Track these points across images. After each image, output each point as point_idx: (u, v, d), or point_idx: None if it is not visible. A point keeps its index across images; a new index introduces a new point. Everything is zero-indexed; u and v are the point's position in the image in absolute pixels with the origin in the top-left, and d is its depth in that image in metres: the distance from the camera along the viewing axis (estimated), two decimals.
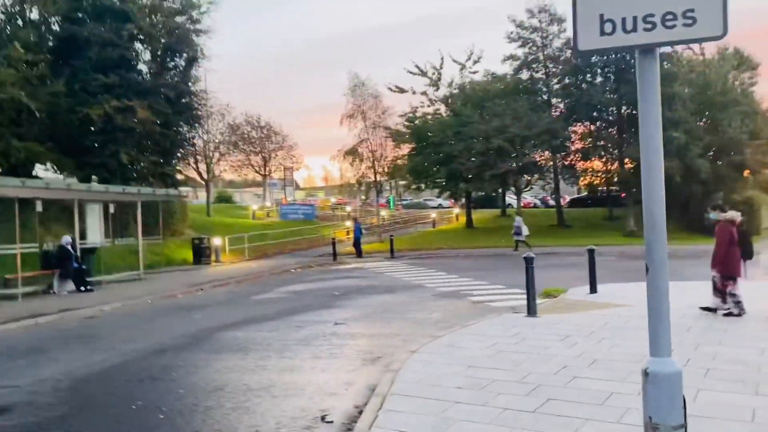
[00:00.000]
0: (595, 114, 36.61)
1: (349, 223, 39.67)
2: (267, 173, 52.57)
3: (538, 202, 63.82)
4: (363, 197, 51.06)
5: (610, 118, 36.75)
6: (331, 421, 5.74)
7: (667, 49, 35.33)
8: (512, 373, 6.66)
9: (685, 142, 32.38)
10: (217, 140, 42.81)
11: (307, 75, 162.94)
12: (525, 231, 29.22)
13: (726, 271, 9.74)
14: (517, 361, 7.19)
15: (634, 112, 35.06)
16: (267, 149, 51.24)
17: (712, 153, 36.09)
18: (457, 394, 5.98)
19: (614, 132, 36.86)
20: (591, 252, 13.56)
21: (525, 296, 13.67)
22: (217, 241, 27.60)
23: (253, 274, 22.31)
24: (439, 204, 61.52)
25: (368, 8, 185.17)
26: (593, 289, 13.35)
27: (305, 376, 7.44)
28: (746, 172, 38.15)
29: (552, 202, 62.78)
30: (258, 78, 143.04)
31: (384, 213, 46.80)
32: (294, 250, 32.88)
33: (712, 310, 9.95)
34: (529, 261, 10.46)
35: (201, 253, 26.03)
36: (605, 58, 35.57)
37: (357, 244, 29.58)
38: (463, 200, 54.08)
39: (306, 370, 7.75)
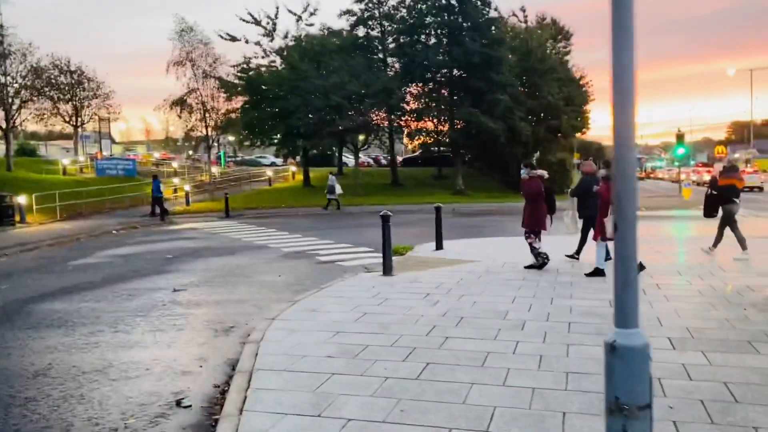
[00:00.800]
0: (428, 75, 37.41)
1: (177, 180, 37.15)
2: (79, 124, 47.12)
3: (371, 161, 64.90)
4: (191, 152, 48.16)
5: (442, 79, 37.82)
6: (189, 406, 4.96)
7: (495, 14, 37.01)
8: (384, 337, 6.31)
9: (509, 105, 34.36)
10: (17, 84, 37.24)
11: (130, 18, 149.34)
12: (338, 190, 29.13)
13: (533, 226, 10.28)
14: (385, 324, 6.86)
15: (464, 74, 36.42)
16: (78, 97, 45.84)
17: (532, 118, 38.79)
18: (330, 365, 5.48)
19: (446, 93, 38.03)
20: (438, 210, 13.73)
21: (374, 254, 13.67)
22: (21, 199, 24.21)
23: (67, 236, 19.88)
24: (273, 162, 60.09)
25: None
26: (439, 246, 13.57)
27: (148, 353, 6.48)
28: (560, 136, 41.66)
29: (384, 162, 64.37)
30: (70, 17, 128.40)
31: (215, 170, 44.46)
32: (114, 209, 30.05)
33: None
34: (385, 219, 10.19)
35: (2, 213, 22.67)
36: (439, 19, 36.35)
37: (158, 203, 26.20)
38: (299, 158, 53.30)
39: (148, 346, 6.77)
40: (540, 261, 10.29)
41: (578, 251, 11.38)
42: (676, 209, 26.19)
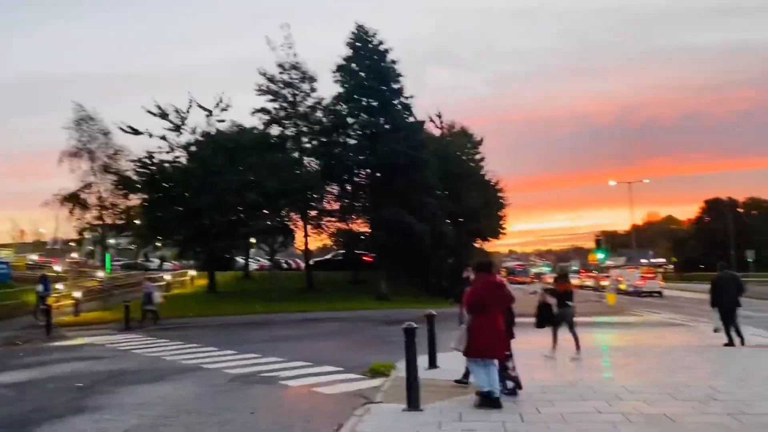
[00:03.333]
0: (347, 176, 36.05)
1: (61, 287, 32.23)
2: None
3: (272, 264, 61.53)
4: (74, 255, 43.03)
5: (364, 180, 36.54)
6: None
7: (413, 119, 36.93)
8: None
9: (434, 208, 33.52)
10: None
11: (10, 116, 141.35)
12: (157, 299, 24.41)
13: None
14: None
15: (387, 175, 35.34)
16: None
17: (453, 221, 38.19)
18: None
19: (368, 194, 36.66)
20: (431, 318, 11.47)
21: (348, 375, 11.28)
22: None
23: None
24: (159, 264, 55.28)
25: (102, 51, 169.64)
26: (432, 364, 11.22)
27: None
28: (478, 241, 41.31)
29: (285, 265, 61.13)
30: None
31: (101, 274, 39.56)
32: None
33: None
34: (409, 333, 7.85)
35: None
36: (360, 119, 35.60)
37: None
38: (192, 261, 49.18)
39: None
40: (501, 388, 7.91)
41: (466, 374, 9.10)
42: (606, 316, 25.34)
